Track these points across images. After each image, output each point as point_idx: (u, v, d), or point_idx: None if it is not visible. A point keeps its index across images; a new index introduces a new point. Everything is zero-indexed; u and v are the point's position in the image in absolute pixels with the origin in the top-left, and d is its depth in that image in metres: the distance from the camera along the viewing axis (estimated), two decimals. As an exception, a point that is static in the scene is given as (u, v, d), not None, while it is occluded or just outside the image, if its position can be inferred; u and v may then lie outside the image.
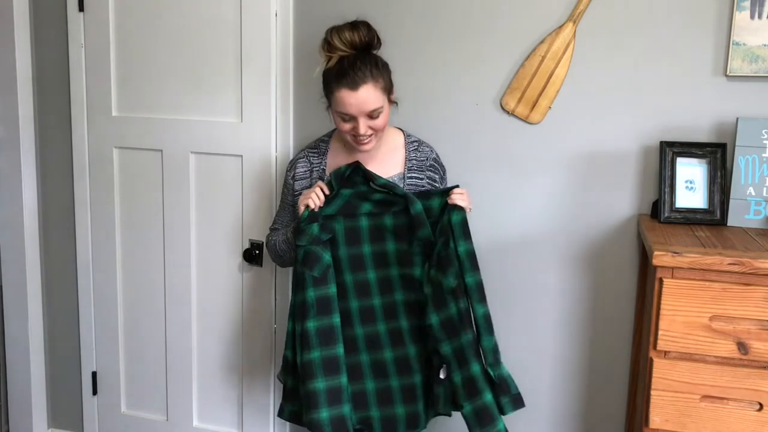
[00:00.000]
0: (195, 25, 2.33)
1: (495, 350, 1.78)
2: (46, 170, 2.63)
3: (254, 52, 2.27)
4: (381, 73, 1.79)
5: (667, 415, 1.64)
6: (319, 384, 1.75)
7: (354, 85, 1.74)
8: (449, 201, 1.79)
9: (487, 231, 2.19)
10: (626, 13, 2.00)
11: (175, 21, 2.36)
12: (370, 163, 1.88)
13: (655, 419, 1.65)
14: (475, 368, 1.74)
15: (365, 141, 1.82)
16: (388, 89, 1.83)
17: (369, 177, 1.81)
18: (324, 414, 1.73)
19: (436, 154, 1.98)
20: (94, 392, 2.69)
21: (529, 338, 2.21)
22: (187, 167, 2.41)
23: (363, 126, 1.78)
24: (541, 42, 2.06)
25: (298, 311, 1.79)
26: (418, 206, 1.78)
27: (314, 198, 1.79)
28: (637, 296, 2.10)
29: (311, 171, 1.96)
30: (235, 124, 2.33)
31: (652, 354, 1.65)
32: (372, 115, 1.78)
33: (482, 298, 1.79)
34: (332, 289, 1.79)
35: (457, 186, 1.84)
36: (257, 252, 2.34)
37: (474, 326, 1.79)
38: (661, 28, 1.98)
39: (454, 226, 1.77)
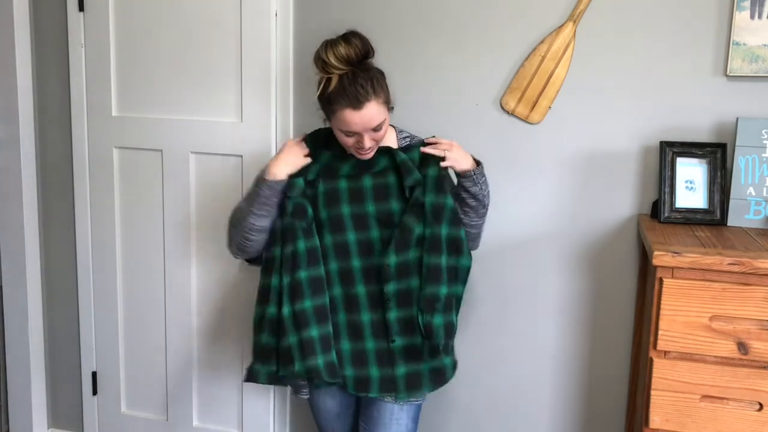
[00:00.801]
0: (195, 25, 2.34)
1: (432, 300, 1.80)
2: (46, 170, 2.63)
3: (254, 52, 2.27)
4: (381, 86, 1.77)
5: (667, 415, 1.64)
6: (314, 332, 1.80)
7: (358, 105, 1.72)
8: (422, 150, 1.83)
9: (487, 231, 2.18)
10: (626, 13, 2.00)
11: (175, 21, 2.36)
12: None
13: (655, 419, 1.65)
14: (415, 311, 1.82)
15: (367, 152, 1.82)
16: (388, 99, 1.81)
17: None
18: (320, 360, 1.79)
19: None
20: (94, 392, 2.69)
21: (529, 338, 2.21)
22: (187, 167, 2.41)
23: (368, 141, 1.77)
24: (541, 42, 2.06)
25: (286, 262, 1.80)
26: (401, 156, 1.83)
27: (299, 155, 1.84)
28: (637, 296, 2.11)
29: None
30: (235, 124, 2.33)
31: (652, 354, 1.65)
32: (375, 129, 1.77)
33: (434, 251, 1.80)
34: (317, 242, 1.83)
35: (433, 136, 1.87)
36: (257, 252, 2.34)
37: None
38: (661, 28, 1.99)
39: (427, 179, 1.81)
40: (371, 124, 1.75)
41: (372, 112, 1.74)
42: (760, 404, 1.60)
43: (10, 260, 2.65)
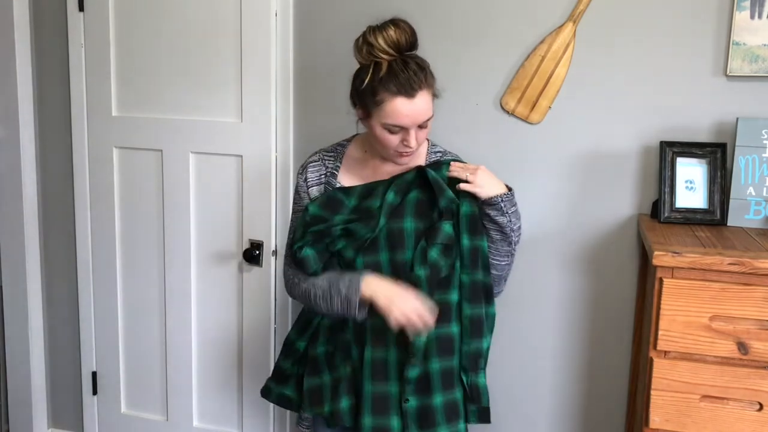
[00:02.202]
0: (195, 25, 2.34)
1: (476, 356, 1.70)
2: (46, 170, 2.63)
3: (254, 52, 2.27)
4: (433, 76, 1.62)
5: (667, 415, 1.64)
6: (343, 372, 1.71)
7: (411, 93, 1.56)
8: (449, 174, 1.68)
9: (487, 231, 2.19)
10: (626, 13, 2.00)
11: (175, 21, 2.36)
12: (386, 173, 1.74)
13: (655, 419, 1.65)
14: (456, 365, 1.69)
15: (409, 153, 1.65)
16: (435, 94, 1.66)
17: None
18: (344, 403, 1.70)
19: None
20: (94, 392, 2.69)
21: (529, 338, 2.21)
22: (187, 167, 2.41)
23: (414, 138, 1.60)
24: (541, 42, 2.06)
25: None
26: (431, 173, 1.66)
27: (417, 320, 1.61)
28: (637, 296, 2.10)
29: (325, 174, 1.79)
30: (235, 124, 2.33)
31: (652, 354, 1.65)
32: (423, 125, 1.61)
33: (475, 299, 1.69)
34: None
35: (457, 160, 1.74)
36: (257, 252, 2.34)
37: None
38: (661, 28, 1.98)
39: (461, 217, 1.67)
40: (421, 117, 1.59)
41: (424, 103, 1.58)
42: (760, 404, 1.60)
43: (10, 260, 2.65)
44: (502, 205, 1.67)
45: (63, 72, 2.53)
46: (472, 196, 1.68)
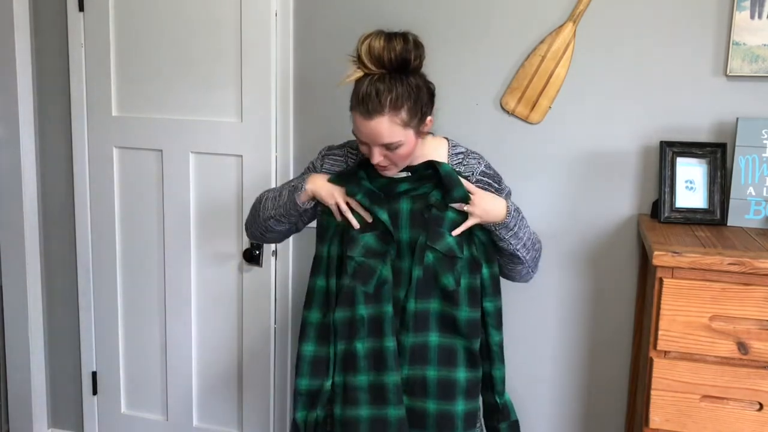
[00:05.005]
0: (195, 25, 2.34)
1: (503, 380, 1.73)
2: (46, 170, 2.63)
3: (254, 52, 2.27)
4: (404, 103, 1.52)
5: (667, 415, 1.64)
6: (363, 412, 1.62)
7: (367, 114, 1.52)
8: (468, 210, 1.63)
9: (487, 231, 2.19)
10: (626, 13, 2.00)
11: (175, 21, 2.36)
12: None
13: (655, 419, 1.65)
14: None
15: (383, 168, 1.61)
16: (414, 122, 1.56)
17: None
18: None
19: (486, 164, 1.73)
20: (94, 392, 2.69)
21: (529, 338, 2.21)
22: (187, 167, 2.41)
23: (377, 155, 1.56)
24: (541, 42, 2.06)
25: (342, 330, 1.62)
26: (446, 166, 1.61)
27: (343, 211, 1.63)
28: (637, 296, 2.11)
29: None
30: (235, 124, 2.33)
31: (652, 354, 1.65)
32: (388, 147, 1.56)
33: (499, 326, 1.70)
34: (384, 307, 1.61)
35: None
36: (257, 252, 2.34)
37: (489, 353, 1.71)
38: (661, 27, 1.99)
39: (477, 246, 1.66)
40: (378, 140, 1.54)
41: (381, 128, 1.52)
42: (760, 404, 1.60)
43: (10, 260, 2.65)
44: (499, 233, 1.64)
45: (63, 72, 2.53)
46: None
